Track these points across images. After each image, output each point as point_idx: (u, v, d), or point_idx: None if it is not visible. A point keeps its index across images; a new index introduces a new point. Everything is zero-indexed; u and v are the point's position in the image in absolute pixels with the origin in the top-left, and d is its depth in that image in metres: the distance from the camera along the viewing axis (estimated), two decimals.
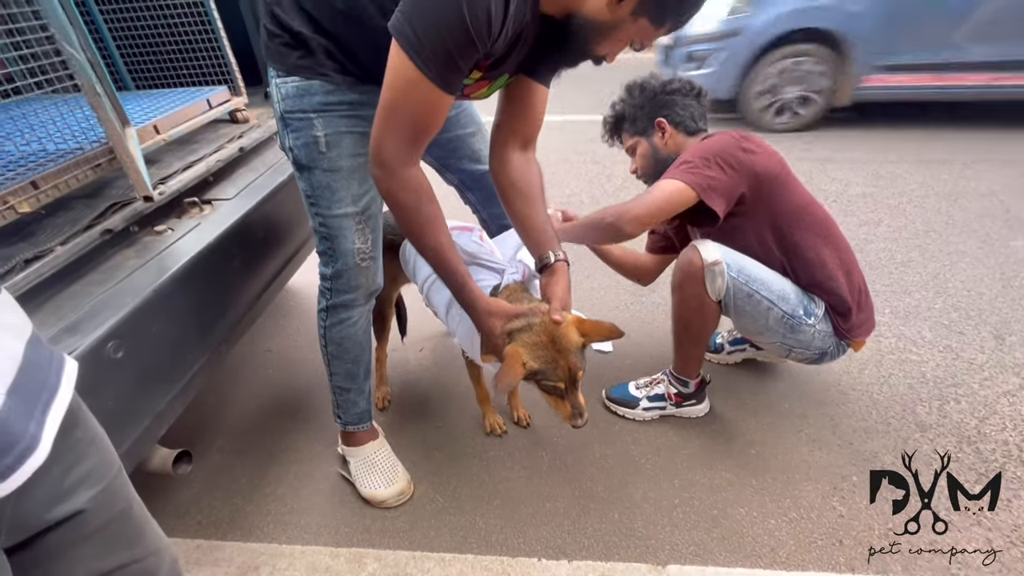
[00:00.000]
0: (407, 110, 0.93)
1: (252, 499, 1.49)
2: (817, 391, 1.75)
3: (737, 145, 1.36)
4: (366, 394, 1.47)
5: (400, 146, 0.96)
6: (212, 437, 1.70)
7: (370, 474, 1.46)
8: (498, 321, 1.07)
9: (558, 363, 1.02)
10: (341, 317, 1.31)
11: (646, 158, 1.56)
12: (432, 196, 1.02)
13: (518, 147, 1.19)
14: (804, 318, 1.41)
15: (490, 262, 1.23)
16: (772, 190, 1.37)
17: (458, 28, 0.83)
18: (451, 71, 0.89)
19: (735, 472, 1.50)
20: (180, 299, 1.04)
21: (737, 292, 1.39)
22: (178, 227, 1.17)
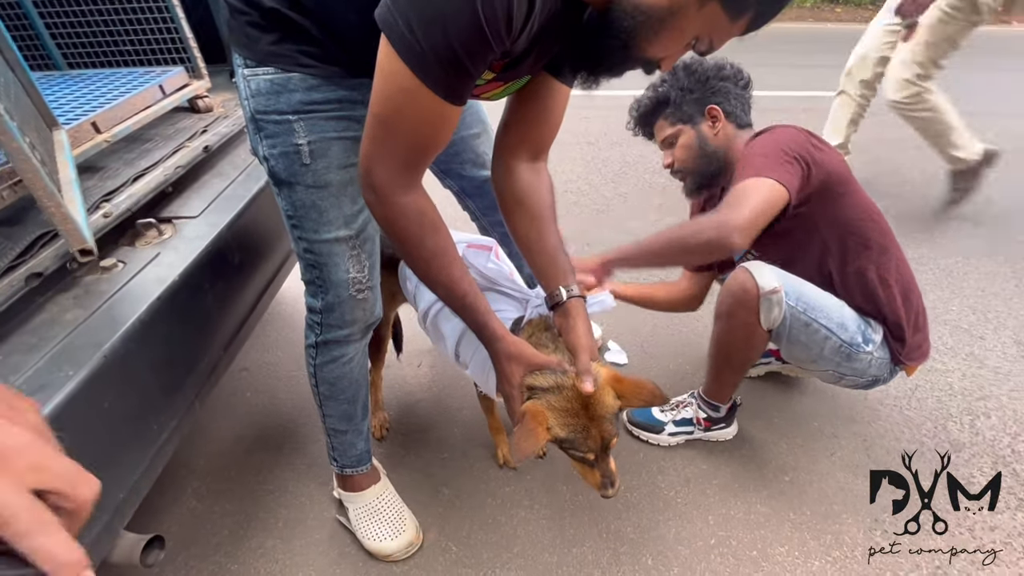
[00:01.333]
0: (402, 126, 0.73)
1: (236, 555, 1.30)
2: (845, 407, 1.65)
3: (808, 140, 1.21)
4: (364, 434, 1.28)
5: (395, 169, 0.76)
6: (186, 478, 1.49)
7: (373, 524, 1.29)
8: (518, 369, 0.89)
9: (589, 432, 0.86)
10: (334, 355, 1.12)
11: (690, 150, 1.37)
12: (438, 224, 0.83)
13: (527, 156, 0.99)
14: (862, 346, 1.28)
15: (511, 289, 1.04)
16: (839, 194, 1.23)
17: (468, 24, 0.63)
18: (458, 77, 0.69)
19: (771, 504, 1.39)
20: (140, 358, 0.82)
21: (794, 322, 1.25)
22: (131, 259, 0.93)
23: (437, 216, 0.84)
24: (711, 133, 1.35)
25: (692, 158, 1.38)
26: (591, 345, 0.91)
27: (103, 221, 0.92)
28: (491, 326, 0.89)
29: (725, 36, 0.71)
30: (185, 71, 1.34)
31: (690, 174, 1.40)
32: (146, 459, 0.85)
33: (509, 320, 1.01)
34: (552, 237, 0.99)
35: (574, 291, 0.97)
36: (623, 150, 3.42)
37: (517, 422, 0.87)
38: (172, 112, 1.32)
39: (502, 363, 0.90)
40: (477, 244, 1.17)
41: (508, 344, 0.89)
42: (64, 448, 0.48)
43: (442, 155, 1.25)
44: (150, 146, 1.17)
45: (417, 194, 0.81)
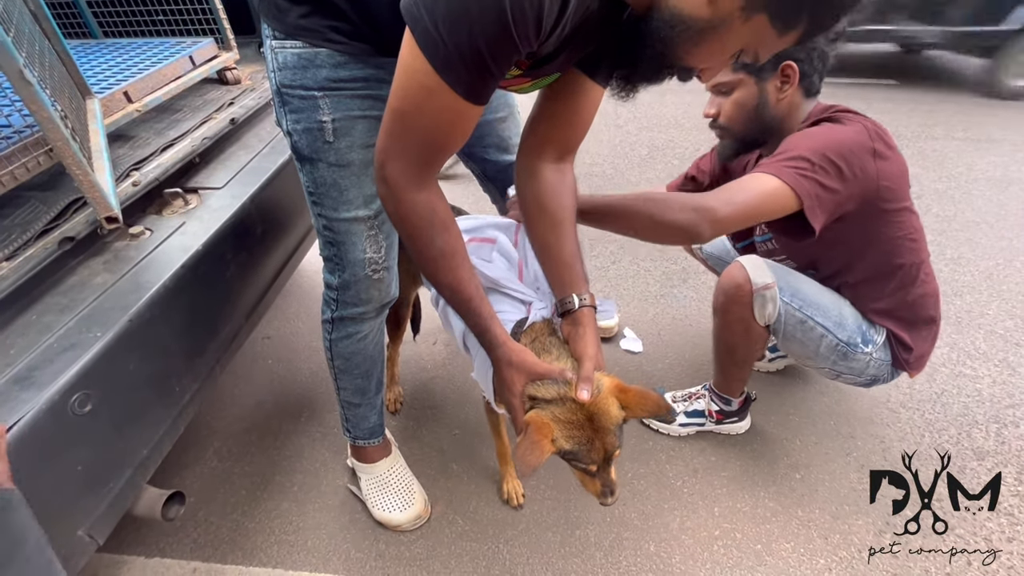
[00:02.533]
0: (419, 123, 0.72)
1: (253, 515, 1.36)
2: (865, 407, 1.62)
3: (870, 147, 1.07)
4: (378, 408, 1.31)
5: (409, 165, 0.75)
6: (208, 439, 1.55)
7: (383, 495, 1.33)
8: (519, 377, 0.88)
9: (594, 444, 0.84)
10: (348, 331, 1.14)
11: (744, 108, 1.17)
12: (448, 224, 0.82)
13: (553, 157, 0.96)
14: (861, 346, 1.24)
15: (515, 291, 1.02)
16: (883, 211, 1.13)
17: (495, 24, 0.61)
18: (481, 77, 0.67)
19: (779, 500, 1.38)
20: (164, 323, 0.86)
21: (789, 319, 1.22)
22: (158, 227, 0.96)
23: (448, 215, 0.83)
24: (776, 96, 1.14)
25: (744, 119, 1.18)
26: (597, 355, 0.90)
27: (132, 190, 0.95)
28: (493, 331, 0.88)
29: (772, 49, 0.67)
30: (215, 42, 1.36)
31: (733, 136, 1.22)
32: (168, 419, 0.89)
33: (511, 323, 0.99)
34: (570, 243, 0.97)
35: (586, 300, 0.94)
36: (652, 135, 3.34)
37: (519, 432, 0.86)
38: (201, 83, 1.34)
39: (503, 370, 0.89)
40: (480, 237, 1.14)
41: (509, 351, 0.88)
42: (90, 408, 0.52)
43: None
44: (179, 116, 1.20)
45: (430, 191, 0.79)
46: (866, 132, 1.08)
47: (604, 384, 0.87)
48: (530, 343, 0.96)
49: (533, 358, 0.89)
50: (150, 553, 1.28)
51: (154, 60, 1.20)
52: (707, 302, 2.01)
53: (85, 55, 1.24)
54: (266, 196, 1.13)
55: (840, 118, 1.13)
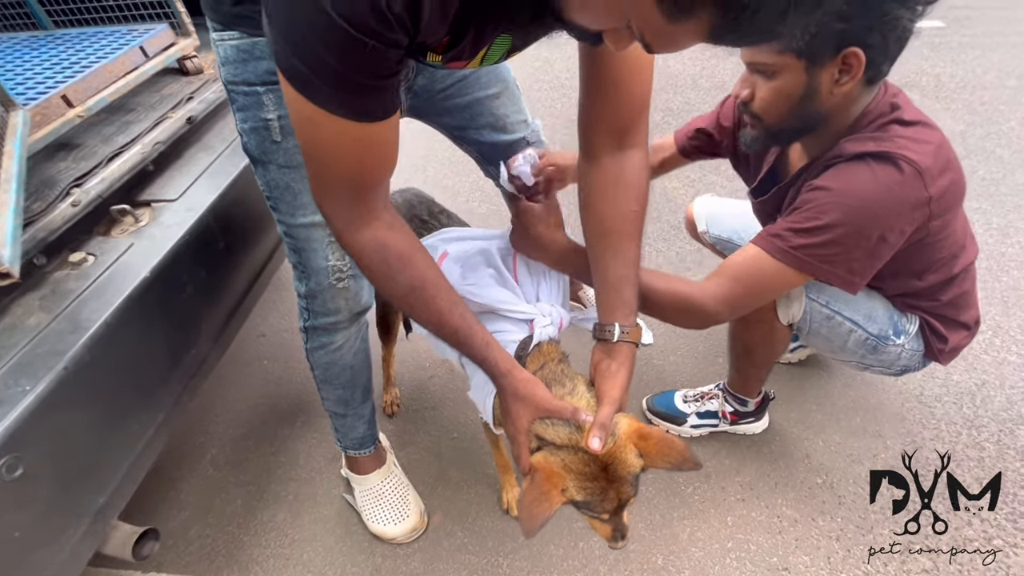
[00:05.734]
0: (324, 158, 0.65)
1: (249, 527, 1.34)
2: (895, 401, 1.49)
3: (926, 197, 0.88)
4: (366, 418, 1.25)
5: (338, 205, 0.69)
6: (204, 445, 1.53)
7: (377, 507, 1.28)
8: (527, 412, 0.78)
9: (607, 495, 0.75)
10: (322, 341, 1.07)
11: (785, 98, 0.91)
12: (408, 255, 0.73)
13: (610, 139, 0.83)
14: (892, 338, 1.12)
15: (513, 311, 0.91)
16: (927, 244, 0.97)
17: (333, 35, 0.53)
18: (355, 93, 0.59)
19: (798, 508, 1.29)
20: (109, 363, 0.78)
21: (815, 315, 1.10)
22: (103, 251, 0.88)
23: (408, 246, 0.73)
24: (830, 87, 0.89)
25: (782, 111, 0.94)
26: (622, 398, 0.79)
27: (71, 211, 0.86)
28: (492, 359, 0.78)
29: (664, 38, 0.50)
30: (170, 28, 1.23)
31: (765, 128, 0.99)
32: (128, 460, 0.83)
33: (513, 343, 0.88)
34: (619, 261, 0.83)
35: (628, 334, 0.82)
36: (667, 97, 3.10)
37: (524, 472, 0.78)
38: (160, 75, 1.22)
39: (508, 402, 0.80)
40: (466, 254, 1.01)
41: (516, 381, 0.78)
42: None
43: (456, 120, 1.12)
44: (131, 118, 1.09)
45: (375, 227, 0.70)
46: (922, 179, 0.88)
47: (621, 429, 0.77)
48: (538, 369, 0.86)
49: (543, 392, 0.79)
50: (146, 568, 1.27)
51: (100, 54, 1.08)
52: None
53: (30, 52, 1.13)
54: (228, 204, 1.03)
55: (896, 155, 0.88)
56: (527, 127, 1.20)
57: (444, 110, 1.08)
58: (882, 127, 0.92)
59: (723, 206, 1.51)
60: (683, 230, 2.11)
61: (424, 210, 1.14)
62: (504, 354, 0.79)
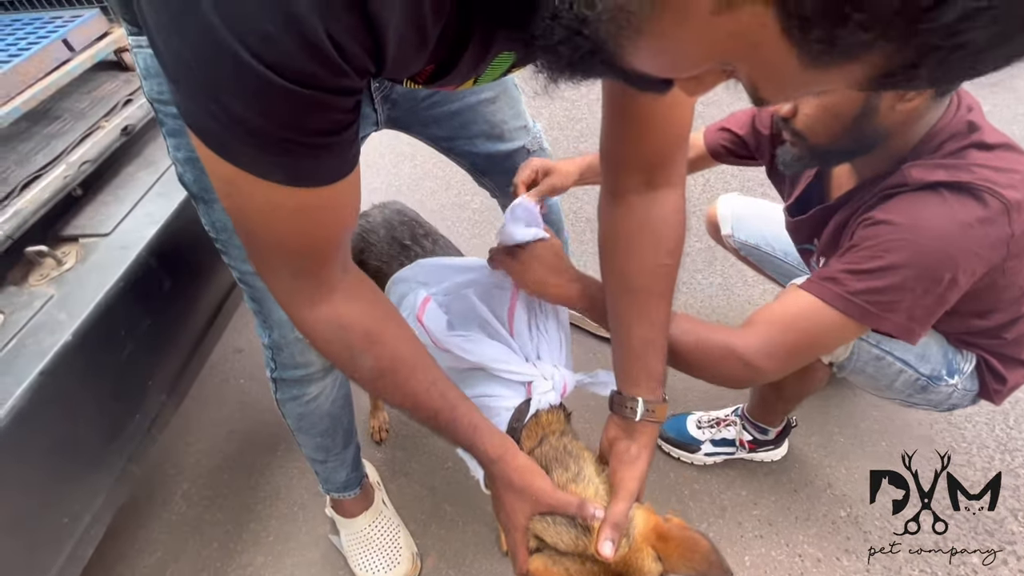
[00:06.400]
0: (256, 231, 0.50)
1: (226, 572, 1.23)
2: (923, 423, 1.38)
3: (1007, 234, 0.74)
4: (349, 462, 1.13)
5: (282, 282, 0.54)
6: (175, 479, 1.40)
7: (365, 553, 1.17)
8: (523, 507, 0.65)
9: None
10: (293, 394, 0.94)
11: (836, 117, 0.79)
12: (375, 333, 0.59)
13: (637, 178, 0.68)
14: (945, 379, 1.00)
15: (508, 372, 0.77)
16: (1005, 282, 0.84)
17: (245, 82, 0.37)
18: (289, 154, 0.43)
19: (820, 546, 1.19)
20: (22, 456, 0.64)
21: (862, 355, 0.97)
22: (16, 307, 0.72)
23: (373, 319, 0.59)
24: (892, 103, 0.76)
25: (832, 131, 0.81)
26: (639, 489, 0.67)
27: None
28: (479, 447, 0.65)
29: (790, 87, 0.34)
30: (102, 13, 1.04)
31: (809, 148, 0.86)
32: (59, 560, 0.70)
33: (506, 412, 0.75)
34: (647, 325, 0.70)
35: (653, 413, 0.69)
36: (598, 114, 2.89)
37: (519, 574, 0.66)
38: (92, 71, 1.03)
39: (500, 493, 0.67)
40: (445, 290, 0.86)
41: (509, 470, 0.65)
42: None
43: (445, 130, 0.96)
44: (55, 129, 0.91)
45: (331, 303, 0.56)
46: (1008, 215, 0.74)
47: (637, 528, 0.65)
48: (536, 446, 0.73)
49: (543, 482, 0.66)
50: None
51: (12, 50, 0.90)
52: (736, 290, 1.74)
53: None
54: (174, 236, 0.87)
55: (978, 187, 0.74)
56: (527, 134, 1.04)
57: (430, 119, 0.91)
58: (957, 152, 0.77)
59: (751, 207, 1.37)
60: (692, 227, 1.96)
61: (406, 233, 0.99)
62: (494, 437, 0.66)
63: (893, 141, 0.81)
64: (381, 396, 0.67)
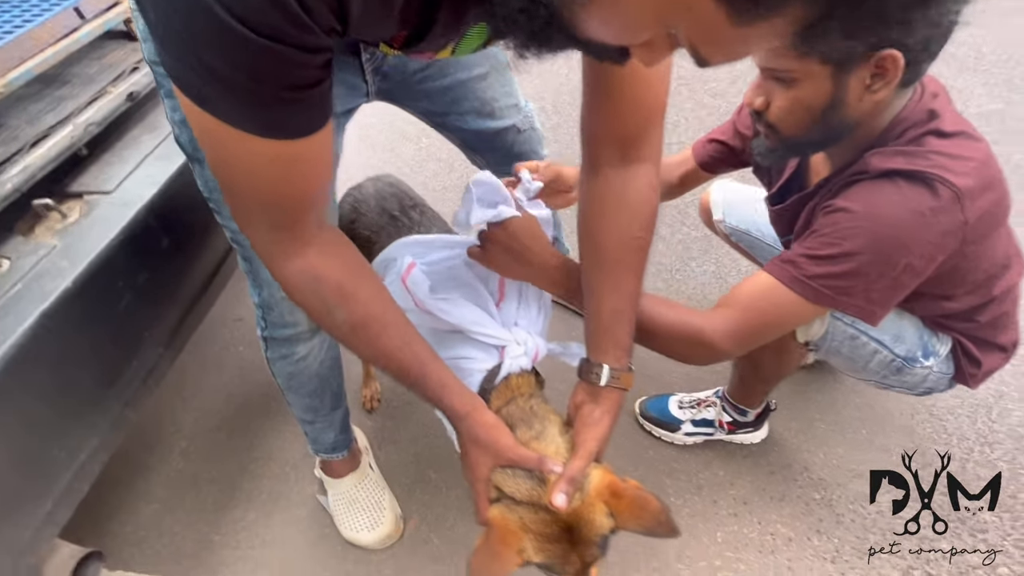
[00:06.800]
0: (235, 180, 0.53)
1: (219, 526, 1.29)
2: (905, 412, 1.40)
3: (960, 220, 0.76)
4: (338, 424, 1.17)
5: (260, 233, 0.58)
6: (175, 436, 1.47)
7: (350, 513, 1.22)
8: (486, 460, 0.69)
9: (569, 558, 0.67)
10: (282, 353, 0.98)
11: (809, 109, 0.79)
12: (349, 289, 0.63)
13: (613, 152, 0.71)
14: (920, 360, 1.01)
15: (484, 334, 0.81)
16: (968, 265, 0.85)
17: (217, 34, 0.41)
18: (263, 106, 0.47)
19: (794, 526, 1.22)
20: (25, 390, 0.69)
21: (837, 334, 0.99)
22: (22, 254, 0.77)
23: (348, 275, 0.63)
24: (859, 94, 0.76)
25: (802, 124, 0.81)
26: (599, 450, 0.70)
27: None
28: (447, 402, 0.68)
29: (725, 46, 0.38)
30: None
31: (781, 140, 0.87)
32: (55, 491, 0.76)
33: (479, 373, 0.79)
34: (617, 296, 0.73)
35: (618, 380, 0.73)
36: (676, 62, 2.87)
37: (480, 523, 0.70)
38: (102, 39, 1.08)
39: (466, 448, 0.71)
40: (436, 264, 0.89)
41: (476, 425, 0.68)
42: None
43: (436, 105, 0.98)
44: (65, 92, 0.96)
45: (306, 256, 0.59)
46: (960, 204, 0.75)
47: (592, 484, 0.68)
48: (504, 405, 0.76)
49: (506, 438, 0.69)
50: (112, 565, 1.22)
51: (25, 17, 0.94)
52: (730, 279, 1.75)
53: None
54: (174, 196, 0.91)
55: (931, 176, 0.75)
56: (518, 112, 1.06)
57: (421, 94, 0.94)
58: (916, 139, 0.79)
59: (743, 193, 1.38)
60: (689, 215, 1.98)
61: (395, 204, 1.02)
62: (463, 395, 0.69)
63: (862, 133, 0.83)
64: (355, 351, 0.71)
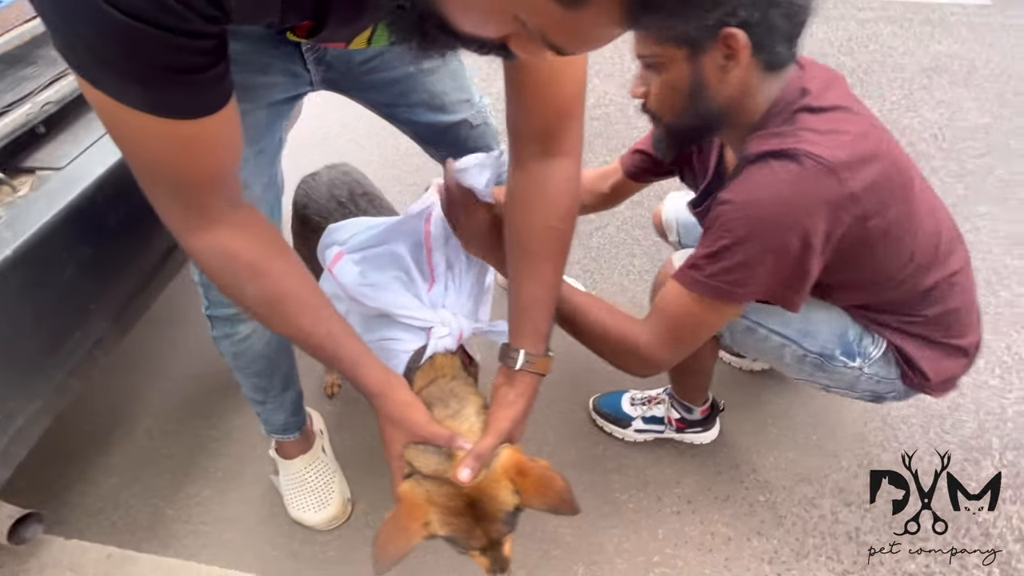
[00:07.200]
0: (133, 153, 0.55)
1: (174, 501, 1.33)
2: (857, 420, 1.40)
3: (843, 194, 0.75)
4: (288, 406, 1.20)
5: (167, 207, 0.59)
6: (140, 415, 1.51)
7: (299, 493, 1.25)
8: (400, 436, 0.71)
9: (474, 533, 0.70)
10: (225, 332, 1.01)
11: (677, 92, 0.82)
12: (261, 266, 0.65)
13: (535, 146, 0.74)
14: (839, 359, 0.98)
15: (409, 317, 0.84)
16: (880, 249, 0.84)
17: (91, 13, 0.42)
18: (148, 85, 0.48)
19: (734, 526, 1.23)
20: None
21: (735, 327, 0.99)
22: None
23: (261, 253, 0.65)
24: (717, 76, 0.79)
25: (675, 107, 0.84)
26: (511, 431, 0.72)
27: None
28: (362, 380, 0.70)
29: (569, 32, 0.40)
30: None
31: (666, 128, 0.90)
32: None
33: (405, 354, 0.81)
34: (536, 283, 0.75)
35: (533, 364, 0.75)
36: None
37: (395, 498, 0.72)
38: None
39: (382, 425, 0.73)
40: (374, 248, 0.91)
41: (389, 403, 0.70)
42: None
43: (385, 97, 1.01)
44: (30, 72, 1.00)
45: (216, 232, 0.61)
46: (835, 175, 0.74)
47: (499, 462, 0.70)
48: (426, 385, 0.79)
49: (420, 416, 0.71)
50: (69, 534, 1.27)
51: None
52: None
53: None
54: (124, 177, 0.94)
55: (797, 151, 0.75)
56: (471, 107, 1.08)
57: (368, 85, 0.97)
58: (788, 118, 0.79)
59: None
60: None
61: (344, 192, 1.05)
62: (378, 373, 0.71)
63: (738, 116, 0.84)
64: (270, 327, 0.73)
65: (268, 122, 0.86)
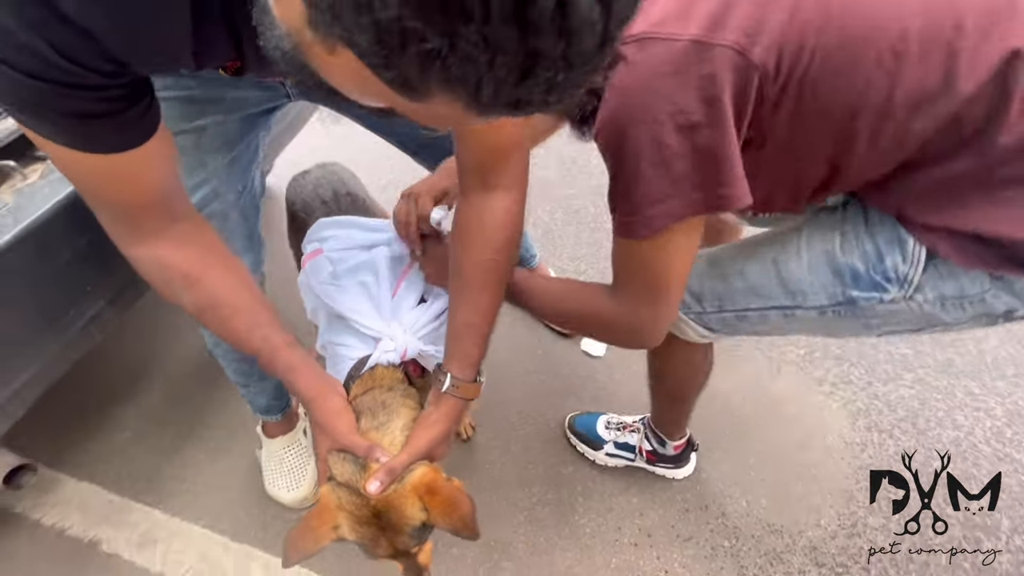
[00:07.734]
0: (76, 183, 0.61)
1: (172, 460, 1.45)
2: (849, 477, 1.31)
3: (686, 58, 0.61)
4: (270, 391, 1.27)
5: (109, 224, 0.65)
6: (158, 375, 1.64)
7: (276, 472, 1.33)
8: (324, 441, 0.75)
9: (379, 543, 0.72)
10: None
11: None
12: (197, 275, 0.69)
13: (474, 180, 0.76)
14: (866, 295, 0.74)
15: (363, 325, 0.87)
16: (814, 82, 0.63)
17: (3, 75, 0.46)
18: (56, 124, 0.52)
19: (692, 568, 1.20)
20: None
21: (724, 324, 0.89)
22: None
23: (197, 264, 0.69)
24: None
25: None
26: (428, 450, 0.74)
27: None
28: (296, 386, 0.74)
29: (430, 119, 0.41)
30: None
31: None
32: None
33: (350, 361, 0.85)
34: (465, 307, 0.78)
35: (457, 389, 0.76)
36: None
37: None
38: None
39: (312, 428, 0.79)
40: (353, 247, 0.95)
41: (318, 410, 0.74)
42: None
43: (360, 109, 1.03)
44: None
45: (151, 246, 0.66)
46: (665, 43, 0.61)
47: (411, 478, 0.73)
48: (361, 394, 0.82)
49: (344, 426, 0.75)
50: (80, 476, 1.42)
51: None
52: None
53: None
54: None
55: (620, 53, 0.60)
56: None
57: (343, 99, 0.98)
58: None
59: None
60: None
61: (328, 191, 1.09)
62: (311, 380, 0.75)
63: None
64: (209, 330, 0.78)
65: (242, 133, 0.90)
